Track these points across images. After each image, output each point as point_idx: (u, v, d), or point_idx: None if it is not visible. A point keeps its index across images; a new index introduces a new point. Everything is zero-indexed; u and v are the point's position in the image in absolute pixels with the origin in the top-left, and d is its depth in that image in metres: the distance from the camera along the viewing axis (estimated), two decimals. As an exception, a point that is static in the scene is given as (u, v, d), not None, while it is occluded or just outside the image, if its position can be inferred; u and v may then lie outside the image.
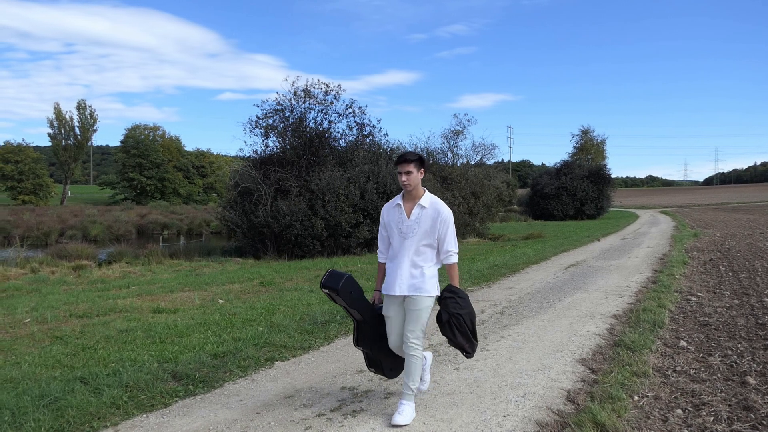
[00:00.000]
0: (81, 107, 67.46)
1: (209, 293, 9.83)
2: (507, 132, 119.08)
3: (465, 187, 26.86)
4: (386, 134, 28.42)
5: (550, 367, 5.12)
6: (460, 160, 30.51)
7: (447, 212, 3.99)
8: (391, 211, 4.12)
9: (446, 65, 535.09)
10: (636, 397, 4.30)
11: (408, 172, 3.96)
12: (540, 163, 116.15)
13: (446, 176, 26.70)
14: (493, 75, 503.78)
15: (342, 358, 5.52)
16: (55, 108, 65.50)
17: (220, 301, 8.95)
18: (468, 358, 4.04)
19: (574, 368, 5.11)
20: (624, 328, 6.56)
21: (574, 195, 46.22)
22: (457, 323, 3.83)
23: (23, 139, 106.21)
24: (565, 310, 7.76)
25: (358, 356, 5.26)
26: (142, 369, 4.93)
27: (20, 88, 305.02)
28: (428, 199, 4.02)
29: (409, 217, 3.98)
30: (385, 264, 4.17)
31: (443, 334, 3.96)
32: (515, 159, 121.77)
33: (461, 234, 25.12)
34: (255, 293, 9.85)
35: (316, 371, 5.12)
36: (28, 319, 7.54)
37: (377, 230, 6.02)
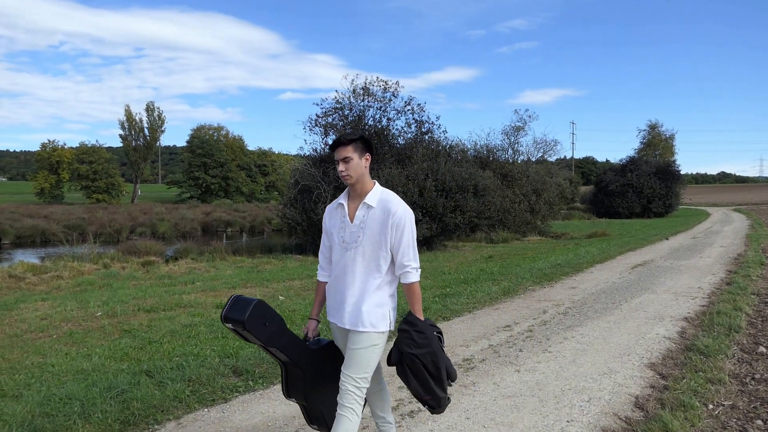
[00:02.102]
0: (150, 109, 70.21)
1: (270, 289, 9.99)
2: (570, 128, 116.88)
3: (526, 185, 26.41)
4: (445, 131, 28.12)
5: (617, 371, 4.91)
6: (521, 157, 30.09)
7: (402, 212, 2.90)
8: (332, 213, 3.10)
9: (506, 61, 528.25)
10: (711, 406, 4.06)
11: (346, 159, 2.90)
12: (604, 160, 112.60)
13: (506, 173, 26.31)
14: (554, 70, 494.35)
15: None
16: (125, 110, 68.47)
17: (280, 297, 9.07)
18: (433, 412, 2.98)
19: (643, 373, 4.88)
20: (696, 331, 6.24)
21: (640, 192, 44.65)
22: (411, 365, 2.86)
23: (97, 141, 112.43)
24: (631, 311, 7.46)
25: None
26: (204, 364, 5.03)
27: (94, 92, 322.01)
28: (377, 195, 2.96)
29: (352, 221, 2.97)
30: (325, 284, 3.18)
31: (399, 376, 3.01)
32: (578, 155, 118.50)
33: (522, 232, 24.68)
34: (314, 290, 9.93)
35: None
36: (100, 313, 7.84)
37: (436, 228, 5.18)
